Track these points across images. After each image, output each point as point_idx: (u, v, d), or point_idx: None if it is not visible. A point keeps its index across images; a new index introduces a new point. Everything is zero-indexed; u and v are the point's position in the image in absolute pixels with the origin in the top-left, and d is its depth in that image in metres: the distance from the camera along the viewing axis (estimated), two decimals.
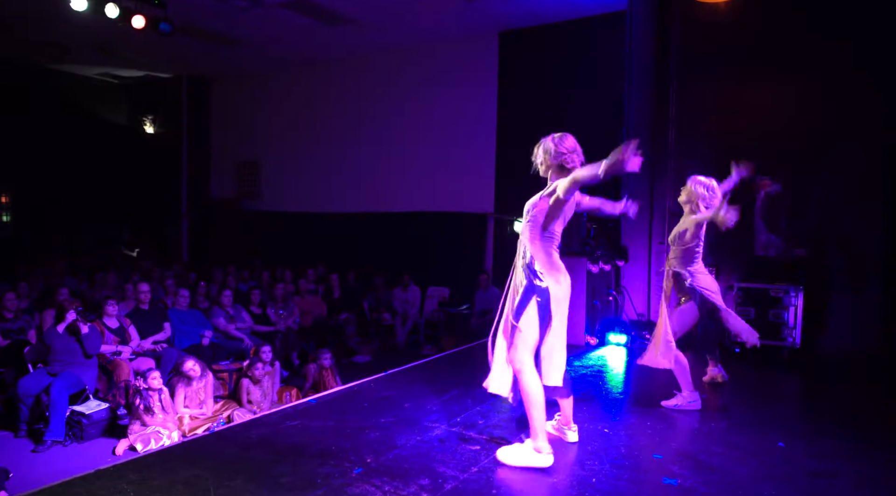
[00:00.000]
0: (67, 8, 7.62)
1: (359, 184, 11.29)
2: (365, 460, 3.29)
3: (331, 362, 6.76)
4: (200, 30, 9.68)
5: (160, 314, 7.21)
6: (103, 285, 8.61)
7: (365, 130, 11.19)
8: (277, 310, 8.32)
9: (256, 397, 6.14)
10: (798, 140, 6.50)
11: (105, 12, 7.75)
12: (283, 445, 3.51)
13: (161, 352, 6.71)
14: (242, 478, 3.06)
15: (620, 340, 6.39)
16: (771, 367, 5.71)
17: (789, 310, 5.78)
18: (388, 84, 10.90)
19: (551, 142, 3.29)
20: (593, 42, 8.57)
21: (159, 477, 3.06)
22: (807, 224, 6.51)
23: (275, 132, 12.43)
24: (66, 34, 9.97)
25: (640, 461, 3.38)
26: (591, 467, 3.25)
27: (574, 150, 3.27)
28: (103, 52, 11.17)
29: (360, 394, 4.62)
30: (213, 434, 3.91)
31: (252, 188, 12.85)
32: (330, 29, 9.61)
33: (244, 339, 7.52)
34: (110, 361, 6.27)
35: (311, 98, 11.89)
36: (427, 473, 3.13)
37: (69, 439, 5.46)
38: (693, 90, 7.04)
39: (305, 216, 11.91)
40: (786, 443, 3.66)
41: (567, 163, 3.23)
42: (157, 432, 5.41)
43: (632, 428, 3.90)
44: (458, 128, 10.07)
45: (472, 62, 9.94)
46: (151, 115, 13.85)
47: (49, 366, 5.79)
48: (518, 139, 9.63)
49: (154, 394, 5.50)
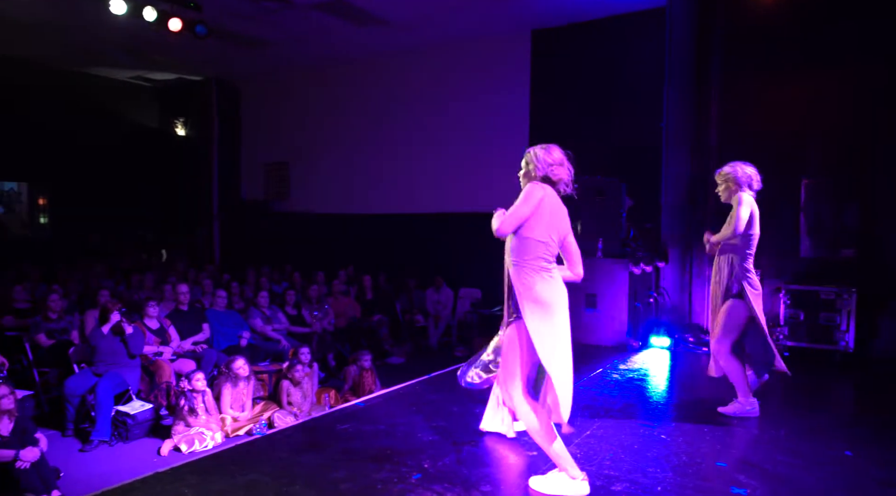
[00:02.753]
0: (105, 12, 7.71)
1: (388, 185, 11.27)
2: (422, 465, 3.24)
3: (371, 364, 6.74)
4: (231, 32, 9.74)
5: (199, 315, 7.25)
6: (140, 287, 8.70)
7: (395, 131, 11.16)
8: (313, 311, 8.32)
9: (296, 399, 6.14)
10: (846, 138, 6.34)
11: (143, 15, 7.84)
12: (336, 449, 3.49)
13: (201, 352, 6.74)
14: (301, 483, 3.03)
15: (664, 343, 6.27)
16: (823, 372, 5.55)
17: (841, 313, 5.62)
18: (418, 84, 10.87)
19: (540, 150, 3.16)
20: (630, 40, 8.44)
21: (218, 481, 3.05)
22: (854, 224, 6.34)
23: (304, 133, 12.46)
24: (102, 38, 10.08)
25: (703, 469, 3.29)
26: (654, 475, 3.17)
27: (561, 163, 3.13)
28: (137, 56, 11.30)
29: (405, 398, 4.58)
30: (265, 437, 3.90)
31: (281, 189, 12.90)
32: (360, 30, 9.60)
33: (281, 341, 7.53)
34: (152, 362, 6.31)
35: (340, 99, 11.90)
36: (488, 480, 3.08)
37: (115, 439, 5.50)
38: (736, 89, 6.89)
39: (334, 217, 11.93)
40: (852, 452, 3.54)
41: (553, 175, 3.10)
42: (201, 433, 5.43)
43: (690, 434, 3.80)
44: (489, 128, 9.99)
45: (504, 62, 9.86)
46: (183, 118, 13.99)
47: (94, 366, 5.85)
48: (552, 139, 9.43)
49: (198, 395, 5.52)
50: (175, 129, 14.05)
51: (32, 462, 4.28)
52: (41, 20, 9.31)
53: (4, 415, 4.39)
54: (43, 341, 6.37)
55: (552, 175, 3.11)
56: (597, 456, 3.39)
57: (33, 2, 8.50)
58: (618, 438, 3.68)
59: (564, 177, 3.12)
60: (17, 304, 7.29)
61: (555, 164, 3.12)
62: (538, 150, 3.16)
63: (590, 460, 3.32)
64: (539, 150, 3.17)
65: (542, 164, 3.11)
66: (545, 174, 3.11)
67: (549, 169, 3.11)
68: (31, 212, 12.84)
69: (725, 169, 4.16)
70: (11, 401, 4.45)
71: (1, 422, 4.37)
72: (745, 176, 4.08)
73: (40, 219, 12.81)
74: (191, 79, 13.25)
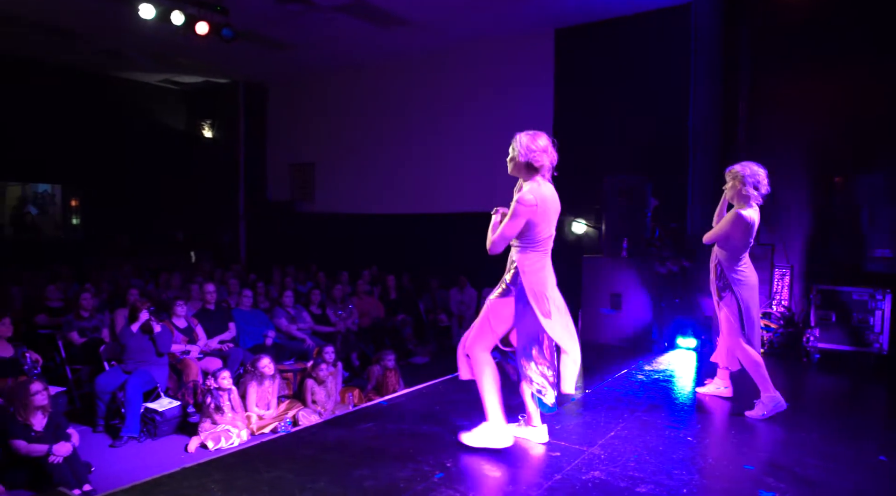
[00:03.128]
0: (135, 17, 7.88)
1: (412, 185, 11.30)
2: (445, 464, 3.24)
3: (394, 363, 6.76)
4: (257, 35, 9.86)
5: (225, 314, 7.36)
6: (168, 286, 8.85)
7: (418, 131, 11.19)
8: (337, 310, 8.38)
9: (321, 398, 6.19)
10: (879, 135, 6.18)
11: (171, 19, 7.98)
12: (360, 447, 3.50)
13: (227, 351, 6.84)
14: (325, 480, 3.05)
15: (690, 344, 6.19)
16: (856, 374, 5.41)
17: (875, 314, 5.48)
18: (441, 84, 10.88)
19: (525, 137, 3.25)
20: (655, 37, 8.34)
21: (244, 477, 3.08)
22: (888, 223, 6.18)
23: (328, 134, 12.56)
24: (131, 43, 10.29)
25: (730, 471, 3.24)
26: (679, 477, 3.12)
27: (545, 150, 3.22)
28: (166, 60, 11.51)
29: (429, 397, 4.59)
30: (290, 434, 3.93)
31: (306, 190, 13.02)
32: (383, 31, 9.64)
33: (306, 340, 7.60)
34: (179, 360, 6.41)
35: (364, 100, 11.97)
36: (511, 480, 3.07)
37: (144, 435, 5.61)
38: (765, 85, 6.77)
39: (358, 217, 12.00)
40: (887, 457, 3.45)
41: (535, 161, 3.20)
42: (227, 430, 5.51)
43: (716, 436, 3.75)
44: (512, 127, 9.80)
45: (528, 61, 9.82)
46: (210, 120, 14.20)
47: (123, 364, 5.97)
48: (576, 139, 9.46)
49: (224, 393, 5.60)
50: (202, 131, 14.27)
51: (65, 456, 4.39)
52: (73, 26, 9.54)
53: (38, 411, 4.51)
54: (75, 339, 6.53)
55: (534, 161, 3.22)
56: (621, 457, 3.36)
57: (67, 9, 8.72)
58: (643, 440, 3.63)
59: (546, 163, 3.23)
60: (50, 303, 7.47)
61: (538, 150, 3.22)
62: (524, 137, 3.28)
63: (614, 461, 3.29)
64: (524, 136, 3.29)
65: (525, 150, 3.24)
66: (527, 160, 3.23)
67: (531, 155, 3.23)
68: (65, 213, 13.15)
69: (735, 167, 4.15)
70: (45, 398, 4.56)
71: (35, 418, 4.48)
72: (753, 175, 4.04)
73: (73, 220, 13.11)
74: (217, 81, 13.45)
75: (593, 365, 5.57)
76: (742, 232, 4.00)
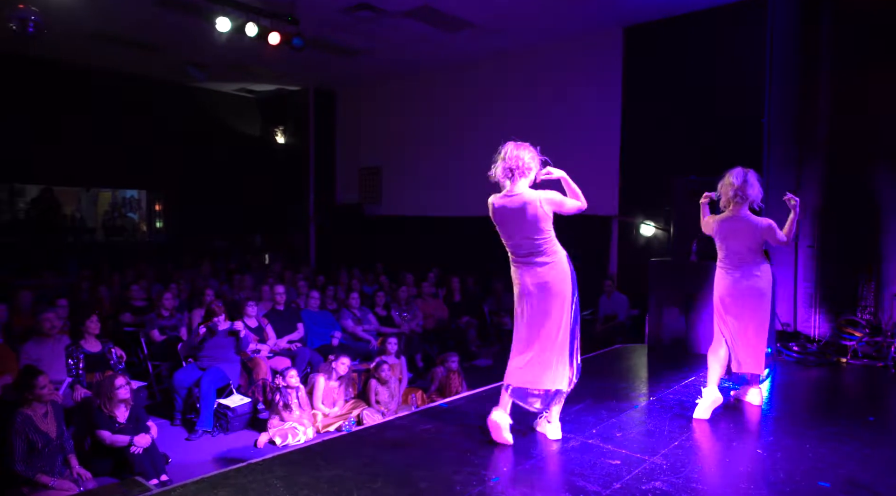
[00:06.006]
0: (213, 30, 8.28)
1: (477, 187, 11.19)
2: (501, 469, 3.24)
3: (458, 365, 6.79)
4: (326, 42, 10.13)
5: (294, 315, 7.60)
6: (241, 287, 9.22)
7: (483, 134, 11.17)
8: (401, 312, 8.50)
9: (384, 398, 6.29)
10: None
11: (245, 31, 8.34)
12: (418, 449, 3.55)
13: (296, 351, 7.06)
14: (382, 480, 3.11)
15: None
16: None
17: None
18: (507, 86, 10.84)
19: (512, 148, 3.61)
20: (728, 32, 8.02)
21: (305, 474, 3.18)
22: None
23: (395, 138, 12.77)
24: (210, 54, 10.80)
25: (803, 488, 3.07)
26: (747, 492, 2.99)
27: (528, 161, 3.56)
28: (241, 70, 12.01)
29: (489, 400, 4.56)
30: (351, 434, 4.03)
31: (374, 193, 13.28)
32: (449, 35, 9.71)
33: (371, 341, 7.74)
34: (250, 359, 6.67)
35: (430, 103, 12.09)
36: (568, 487, 3.03)
37: (217, 430, 5.87)
38: (847, 80, 6.37)
39: (424, 220, 12.12)
40: None
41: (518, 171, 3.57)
42: (294, 428, 5.68)
43: (789, 449, 3.56)
44: (579, 128, 9.80)
45: (595, 61, 9.64)
46: (282, 126, 14.72)
47: (198, 361, 6.26)
48: (645, 139, 9.24)
49: (292, 391, 5.78)
50: (275, 137, 14.81)
51: (145, 447, 4.65)
52: (157, 40, 10.12)
53: (122, 404, 4.79)
54: (156, 337, 6.90)
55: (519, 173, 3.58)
56: (684, 468, 3.25)
57: (151, 24, 9.25)
58: (708, 450, 3.51)
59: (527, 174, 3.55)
60: (134, 302, 7.92)
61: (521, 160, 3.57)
62: (510, 147, 3.63)
63: (677, 472, 3.19)
64: (510, 147, 3.63)
65: (509, 160, 3.58)
66: (509, 167, 3.58)
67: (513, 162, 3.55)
68: (149, 217, 13.95)
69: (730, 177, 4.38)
70: (128, 391, 4.84)
71: (119, 410, 4.77)
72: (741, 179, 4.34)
73: (157, 223, 13.88)
74: (289, 89, 13.93)
75: (660, 371, 5.42)
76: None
